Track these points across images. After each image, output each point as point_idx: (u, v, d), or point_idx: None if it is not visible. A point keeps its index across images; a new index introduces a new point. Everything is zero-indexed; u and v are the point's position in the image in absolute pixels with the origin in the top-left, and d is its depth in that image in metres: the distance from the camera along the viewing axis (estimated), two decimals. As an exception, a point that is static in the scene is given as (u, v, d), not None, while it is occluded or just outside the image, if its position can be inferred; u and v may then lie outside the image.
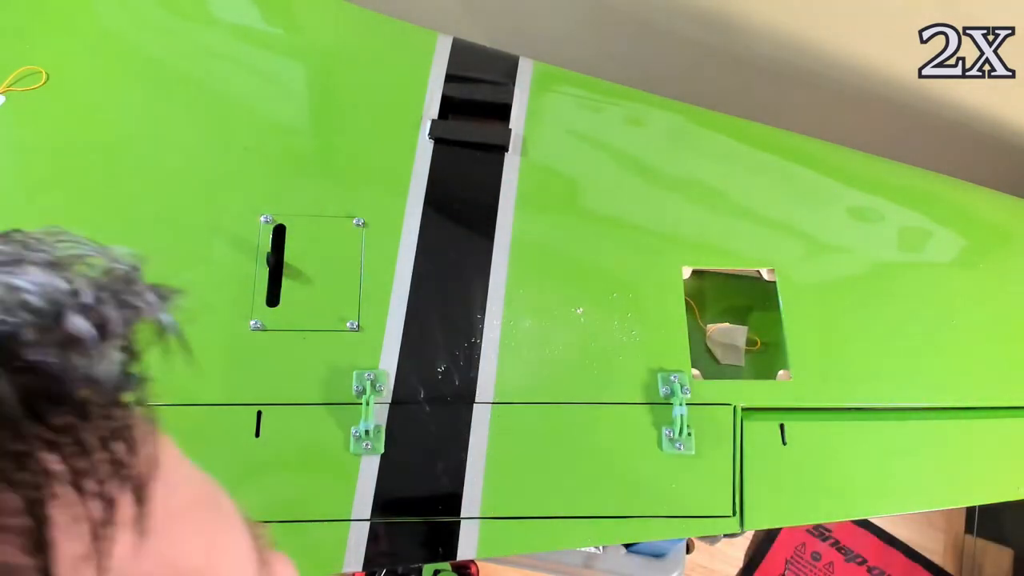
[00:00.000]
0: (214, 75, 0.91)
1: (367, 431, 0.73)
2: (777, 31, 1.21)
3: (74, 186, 0.81)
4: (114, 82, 0.88)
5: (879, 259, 0.91)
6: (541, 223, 0.86)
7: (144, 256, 0.24)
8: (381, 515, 0.73)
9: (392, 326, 0.78)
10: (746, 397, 0.81)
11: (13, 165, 0.82)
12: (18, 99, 0.84)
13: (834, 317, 0.86)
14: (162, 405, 0.74)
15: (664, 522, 0.77)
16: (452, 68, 0.93)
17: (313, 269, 0.79)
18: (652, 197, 0.91)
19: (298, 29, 0.98)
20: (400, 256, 0.81)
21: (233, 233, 0.80)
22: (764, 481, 0.79)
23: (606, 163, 0.92)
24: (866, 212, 0.93)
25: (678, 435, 0.78)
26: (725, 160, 0.95)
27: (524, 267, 0.83)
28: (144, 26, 0.93)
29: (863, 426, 0.83)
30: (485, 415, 0.77)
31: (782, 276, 0.87)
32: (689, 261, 0.86)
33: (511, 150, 0.89)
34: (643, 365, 0.81)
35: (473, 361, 0.78)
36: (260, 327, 0.76)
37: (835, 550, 1.49)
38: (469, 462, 0.75)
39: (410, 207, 0.84)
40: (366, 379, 0.75)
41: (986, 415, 0.85)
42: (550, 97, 0.95)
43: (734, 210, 0.91)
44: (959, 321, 0.89)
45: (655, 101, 0.97)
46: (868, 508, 0.85)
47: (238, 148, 0.85)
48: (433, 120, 0.89)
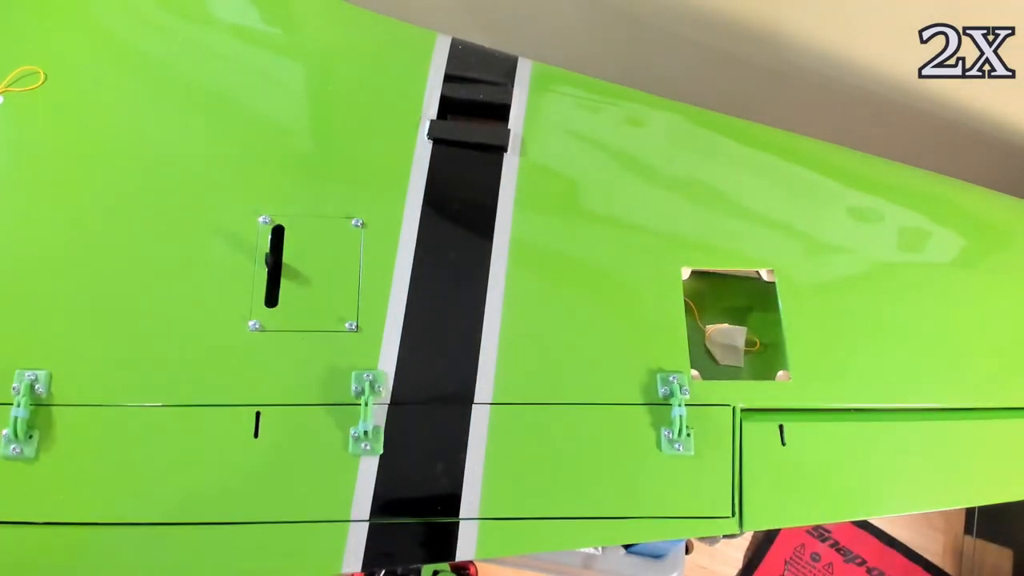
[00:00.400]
0: (213, 75, 0.91)
1: (366, 432, 0.73)
2: (777, 31, 1.20)
3: (73, 186, 0.81)
4: (113, 82, 0.88)
5: (879, 259, 0.91)
6: (540, 223, 0.86)
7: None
8: (380, 516, 0.73)
9: (391, 327, 0.78)
10: (745, 398, 0.81)
11: (12, 165, 0.82)
12: (17, 99, 0.84)
13: (834, 317, 0.86)
14: (162, 406, 0.75)
15: (664, 522, 0.77)
16: (451, 68, 0.93)
17: (312, 269, 0.79)
18: (652, 197, 0.91)
19: (297, 29, 0.97)
20: (399, 256, 0.81)
21: (232, 233, 0.80)
22: (763, 482, 0.79)
23: (605, 163, 0.92)
24: (866, 212, 0.93)
25: (677, 436, 0.78)
26: (725, 160, 0.95)
27: (523, 267, 0.83)
28: (143, 26, 0.93)
29: (862, 426, 0.83)
30: (484, 415, 0.77)
31: (781, 276, 0.87)
32: (689, 261, 0.86)
33: (510, 150, 0.89)
34: (642, 366, 0.81)
35: (472, 361, 0.78)
36: (259, 328, 0.76)
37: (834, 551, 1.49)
38: (468, 463, 0.75)
39: (409, 207, 0.84)
40: (365, 380, 0.75)
41: (986, 415, 0.85)
42: (549, 97, 0.95)
43: (734, 210, 0.91)
44: (959, 321, 0.89)
45: (655, 101, 0.97)
46: (868, 508, 0.85)
47: (237, 148, 0.85)
48: (432, 120, 0.89)
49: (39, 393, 0.71)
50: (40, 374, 0.72)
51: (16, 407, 0.69)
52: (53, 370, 0.72)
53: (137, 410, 0.72)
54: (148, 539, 0.70)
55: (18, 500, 0.69)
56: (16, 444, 0.69)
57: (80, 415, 0.72)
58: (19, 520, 0.69)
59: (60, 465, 0.70)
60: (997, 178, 1.07)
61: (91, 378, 0.73)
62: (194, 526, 0.70)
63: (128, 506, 0.70)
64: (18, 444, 0.69)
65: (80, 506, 0.70)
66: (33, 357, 0.73)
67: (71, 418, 0.72)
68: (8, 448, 0.69)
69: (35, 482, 0.70)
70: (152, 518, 0.70)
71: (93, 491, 0.71)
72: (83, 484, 0.71)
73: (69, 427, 0.71)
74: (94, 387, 0.73)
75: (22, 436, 0.69)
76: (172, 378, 0.74)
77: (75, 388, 0.72)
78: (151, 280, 0.77)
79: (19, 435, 0.69)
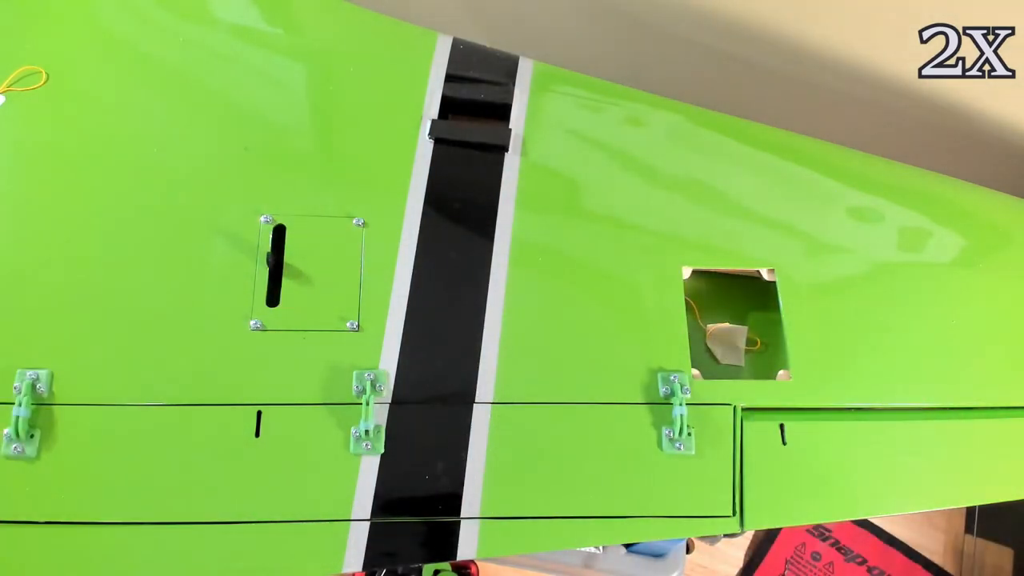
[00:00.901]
0: (214, 75, 0.91)
1: (367, 431, 0.73)
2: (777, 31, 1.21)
3: (74, 186, 0.81)
4: (114, 82, 0.88)
5: (879, 259, 0.91)
6: (541, 223, 0.86)
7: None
8: (381, 515, 0.73)
9: (392, 326, 0.78)
10: (746, 397, 0.81)
11: (13, 164, 0.82)
12: (18, 99, 0.84)
13: (834, 317, 0.86)
14: (163, 405, 0.75)
15: (664, 522, 0.77)
16: (452, 68, 0.93)
17: (313, 269, 0.79)
18: (652, 197, 0.91)
19: (298, 29, 0.98)
20: (400, 256, 0.81)
21: (233, 233, 0.80)
22: (764, 481, 0.79)
23: (606, 163, 0.92)
24: (866, 212, 0.93)
25: (678, 435, 0.78)
26: (725, 160, 0.95)
27: (524, 267, 0.83)
28: (144, 26, 0.93)
29: (863, 426, 0.83)
30: (485, 415, 0.77)
31: (782, 276, 0.87)
32: (689, 261, 0.86)
33: (511, 150, 0.89)
34: (643, 365, 0.81)
35: (473, 361, 0.78)
36: (260, 327, 0.76)
37: (835, 550, 1.49)
38: (469, 462, 0.75)
39: (410, 207, 0.84)
40: (366, 379, 0.75)
41: (986, 415, 0.85)
42: (550, 97, 0.95)
43: (734, 210, 0.91)
44: (959, 321, 0.89)
45: (655, 101, 0.97)
46: (868, 508, 0.85)
47: (238, 148, 0.85)
48: (433, 120, 0.89)
49: (40, 392, 0.71)
50: (41, 373, 0.72)
51: (18, 406, 0.69)
52: (54, 369, 0.72)
53: (138, 409, 0.73)
54: (149, 538, 0.70)
55: (20, 499, 0.69)
56: (18, 443, 0.69)
57: (81, 414, 0.72)
58: (20, 519, 0.69)
59: (61, 464, 0.70)
60: (997, 178, 1.07)
61: (92, 377, 0.73)
62: (195, 525, 0.70)
63: (129, 505, 0.70)
64: (20, 443, 0.69)
65: (81, 505, 0.70)
66: (34, 356, 0.73)
67: (72, 417, 0.72)
68: (10, 447, 0.69)
69: (37, 481, 0.70)
70: (153, 517, 0.70)
71: (94, 490, 0.71)
72: (84, 483, 0.71)
73: (70, 426, 0.71)
74: (95, 386, 0.73)
75: (23, 435, 0.69)
76: (173, 377, 0.74)
77: (76, 387, 0.72)
78: (152, 279, 0.77)
79: (20, 434, 0.69)
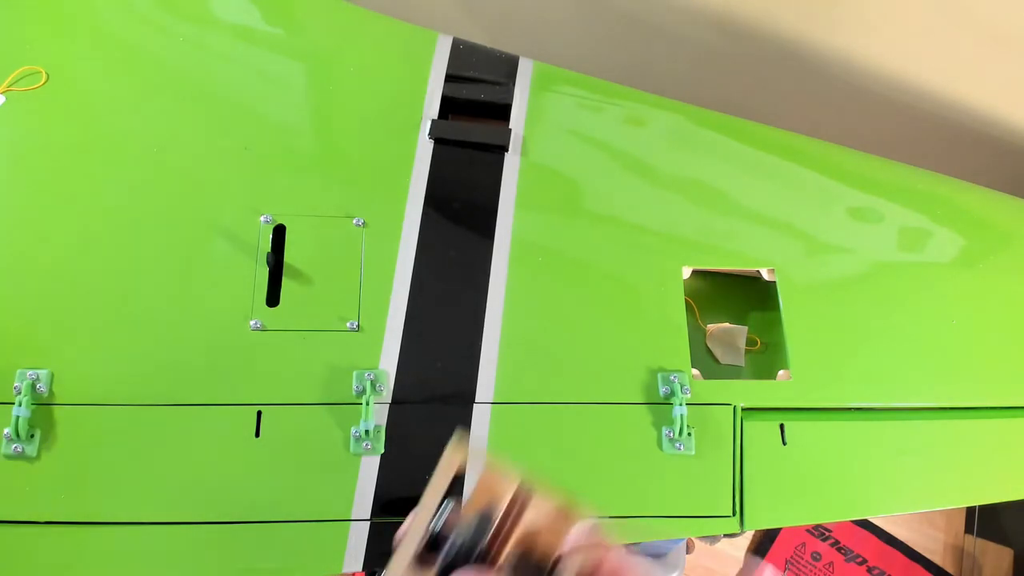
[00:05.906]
0: (214, 75, 0.91)
1: (367, 431, 0.74)
2: (778, 31, 1.21)
3: (74, 186, 0.81)
4: (114, 82, 0.88)
5: (879, 259, 0.91)
6: (541, 223, 0.86)
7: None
8: (381, 515, 0.73)
9: (392, 326, 0.78)
10: (746, 397, 0.81)
11: (13, 164, 0.82)
12: (18, 99, 0.84)
13: (834, 317, 0.87)
14: (162, 405, 0.75)
15: (664, 522, 0.77)
16: (452, 68, 0.93)
17: (313, 269, 0.79)
18: (652, 197, 0.91)
19: (298, 29, 0.98)
20: (400, 256, 0.81)
21: (233, 233, 0.80)
22: (764, 481, 0.79)
23: (606, 163, 0.92)
24: (866, 212, 0.93)
25: (678, 435, 0.78)
26: (725, 160, 0.95)
27: (524, 267, 0.83)
28: (144, 26, 0.93)
29: (863, 426, 0.83)
30: (485, 415, 0.77)
31: (782, 276, 0.87)
32: (689, 261, 0.86)
33: (511, 150, 0.89)
34: (643, 365, 0.81)
35: (473, 361, 0.78)
36: (260, 327, 0.76)
37: (835, 550, 1.49)
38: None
39: (410, 207, 0.84)
40: (366, 379, 0.75)
41: (986, 415, 0.85)
42: (550, 97, 0.95)
43: (734, 210, 0.91)
44: (959, 321, 0.89)
45: (655, 101, 0.97)
46: (868, 508, 0.85)
47: (238, 148, 0.85)
48: (433, 120, 0.89)
49: (40, 392, 0.71)
50: (41, 373, 0.72)
51: (18, 406, 0.69)
52: (54, 369, 0.72)
53: (138, 409, 0.73)
54: (149, 538, 0.70)
55: (20, 499, 0.69)
56: (18, 443, 0.69)
57: (81, 414, 0.72)
58: (20, 519, 0.69)
59: (62, 464, 0.70)
60: (997, 178, 1.07)
61: (92, 377, 0.73)
62: (195, 525, 0.70)
63: (129, 505, 0.70)
64: (20, 443, 0.69)
65: (81, 505, 0.70)
66: (34, 356, 0.73)
67: (72, 417, 0.72)
68: (10, 447, 0.69)
69: (37, 481, 0.70)
70: (153, 517, 0.70)
71: (94, 490, 0.71)
72: (84, 483, 0.71)
73: (70, 426, 0.71)
74: (95, 386, 0.73)
75: (24, 435, 0.69)
76: (173, 377, 0.74)
77: (76, 387, 0.72)
78: (152, 279, 0.77)
79: (21, 434, 0.69)
